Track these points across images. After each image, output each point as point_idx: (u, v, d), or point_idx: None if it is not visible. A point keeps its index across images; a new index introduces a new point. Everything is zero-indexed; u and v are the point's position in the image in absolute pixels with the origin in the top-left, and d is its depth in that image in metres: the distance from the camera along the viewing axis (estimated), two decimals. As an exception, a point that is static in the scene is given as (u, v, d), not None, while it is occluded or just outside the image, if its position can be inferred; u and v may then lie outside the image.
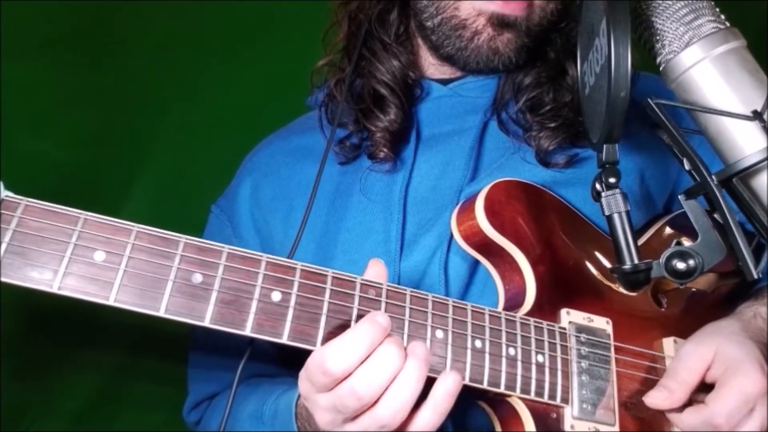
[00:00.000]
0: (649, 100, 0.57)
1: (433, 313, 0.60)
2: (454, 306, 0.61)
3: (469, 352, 0.60)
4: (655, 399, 0.63)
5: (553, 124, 0.75)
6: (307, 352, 0.56)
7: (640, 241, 0.73)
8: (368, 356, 0.52)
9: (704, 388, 0.64)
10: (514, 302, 0.67)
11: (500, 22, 0.74)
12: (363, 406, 0.52)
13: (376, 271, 0.60)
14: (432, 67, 0.83)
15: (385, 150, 0.76)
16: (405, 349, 0.54)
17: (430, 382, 0.55)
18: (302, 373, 0.56)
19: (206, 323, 0.53)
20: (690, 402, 0.63)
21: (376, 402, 0.52)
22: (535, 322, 0.63)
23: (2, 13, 0.95)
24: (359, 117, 0.79)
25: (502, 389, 0.60)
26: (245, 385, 0.75)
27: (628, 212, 0.56)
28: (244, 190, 0.84)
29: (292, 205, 0.79)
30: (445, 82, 0.82)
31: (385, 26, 0.81)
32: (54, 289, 0.51)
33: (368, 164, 0.77)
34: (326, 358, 0.52)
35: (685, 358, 0.64)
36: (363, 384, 0.52)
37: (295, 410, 0.63)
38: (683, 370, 0.63)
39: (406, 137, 0.78)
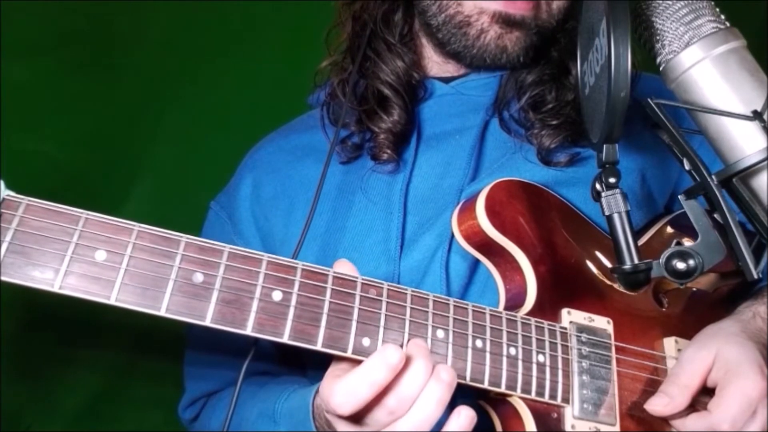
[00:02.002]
0: (649, 100, 0.57)
1: (433, 313, 0.60)
2: (455, 306, 0.61)
3: (469, 351, 0.60)
4: (656, 405, 0.63)
5: (554, 122, 0.75)
6: (307, 351, 0.56)
7: (641, 241, 0.73)
8: (375, 394, 0.52)
9: (705, 390, 0.64)
10: (514, 302, 0.67)
11: (507, 21, 0.73)
12: (393, 420, 0.53)
13: (347, 269, 0.59)
14: (436, 65, 0.83)
15: (388, 152, 0.76)
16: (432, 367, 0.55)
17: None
18: (320, 391, 0.57)
19: (207, 323, 0.53)
20: (691, 405, 0.63)
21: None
22: (536, 321, 0.63)
23: (2, 13, 0.95)
24: (362, 118, 0.78)
25: (502, 389, 0.60)
26: (246, 384, 0.75)
27: (628, 212, 0.56)
28: (245, 188, 0.83)
29: (293, 203, 0.79)
30: (447, 80, 0.82)
31: (389, 26, 0.80)
32: (55, 289, 0.51)
33: (371, 165, 0.77)
34: (332, 397, 0.53)
35: (686, 364, 0.64)
36: (394, 399, 0.53)
37: (312, 409, 0.63)
38: (684, 375, 0.63)
39: (408, 137, 0.78)
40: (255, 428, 0.70)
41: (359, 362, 0.56)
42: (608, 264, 0.70)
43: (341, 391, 0.52)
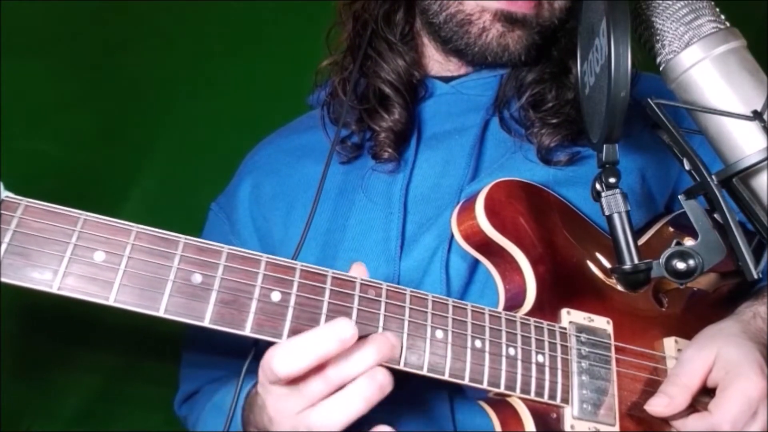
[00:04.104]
0: (649, 100, 0.57)
1: (432, 313, 0.60)
2: (454, 306, 0.61)
3: (468, 351, 0.60)
4: (656, 406, 0.63)
5: (554, 121, 0.75)
6: None
7: (641, 241, 0.73)
8: (318, 363, 0.52)
9: (705, 391, 0.64)
10: (514, 302, 0.67)
11: (509, 19, 0.74)
12: (326, 393, 0.52)
13: (358, 273, 0.59)
14: (437, 64, 0.83)
15: (389, 151, 0.76)
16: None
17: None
18: (261, 362, 0.56)
19: (206, 323, 0.53)
20: (692, 405, 0.63)
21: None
22: (535, 321, 0.63)
23: (2, 13, 0.95)
24: (363, 117, 0.79)
25: (502, 389, 0.60)
26: (222, 383, 0.76)
27: (628, 212, 0.56)
28: (244, 189, 0.84)
29: (293, 203, 0.79)
30: (447, 79, 0.82)
31: (390, 26, 0.81)
32: (54, 290, 0.51)
33: (371, 164, 0.77)
34: (273, 357, 0.52)
35: (686, 364, 0.64)
36: (335, 371, 0.52)
37: (245, 400, 0.63)
38: (684, 376, 0.63)
39: (409, 137, 0.78)
40: (207, 420, 0.71)
41: None
42: (608, 264, 0.70)
43: (285, 351, 0.52)
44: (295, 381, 0.53)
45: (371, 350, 0.54)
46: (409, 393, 0.63)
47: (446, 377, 0.58)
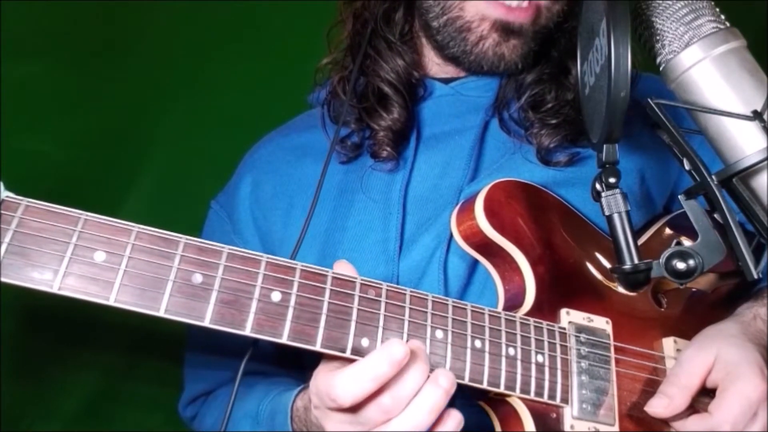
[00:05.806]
0: (649, 100, 0.57)
1: (432, 313, 0.60)
2: (453, 306, 0.61)
3: (468, 351, 0.60)
4: (655, 407, 0.63)
5: (554, 121, 0.75)
6: (306, 352, 0.56)
7: (640, 241, 0.73)
8: (377, 388, 0.52)
9: (705, 392, 0.64)
10: (513, 302, 0.67)
11: (506, 29, 0.74)
12: (386, 420, 0.53)
13: (346, 270, 0.59)
14: (436, 66, 0.83)
15: (387, 149, 0.76)
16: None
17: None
18: (312, 386, 0.56)
19: (206, 323, 0.53)
20: (691, 406, 0.63)
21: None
22: (534, 322, 0.63)
23: (2, 13, 0.95)
24: (362, 115, 0.79)
25: (501, 389, 0.60)
26: (240, 384, 0.75)
27: (628, 212, 0.57)
28: (244, 187, 0.84)
29: (292, 202, 0.79)
30: (447, 81, 0.82)
31: (390, 25, 0.81)
32: (54, 290, 0.51)
33: (370, 163, 0.78)
34: (335, 386, 0.52)
35: (685, 364, 0.64)
36: (389, 398, 0.52)
37: (291, 413, 0.63)
38: (683, 376, 0.63)
39: (408, 136, 0.79)
40: (238, 428, 0.70)
41: (351, 360, 0.55)
42: (607, 264, 0.70)
43: (343, 382, 0.52)
44: (353, 408, 0.53)
45: (419, 367, 0.53)
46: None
47: (446, 377, 0.58)
